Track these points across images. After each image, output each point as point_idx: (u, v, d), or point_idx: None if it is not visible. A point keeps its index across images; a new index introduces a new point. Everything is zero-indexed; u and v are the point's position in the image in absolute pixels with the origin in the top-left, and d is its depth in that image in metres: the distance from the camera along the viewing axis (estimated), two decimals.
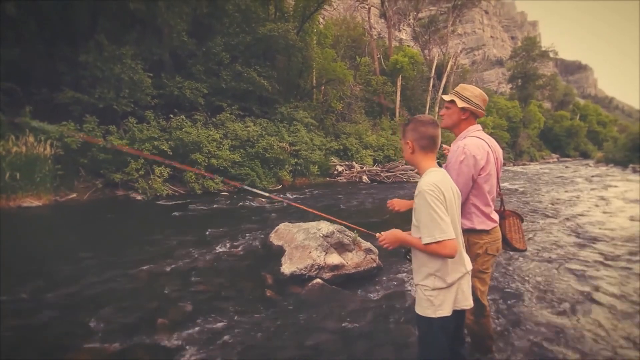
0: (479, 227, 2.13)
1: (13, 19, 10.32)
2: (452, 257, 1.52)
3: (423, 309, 1.62)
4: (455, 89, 2.27)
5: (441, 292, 1.59)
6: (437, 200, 1.52)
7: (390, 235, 1.68)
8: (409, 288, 3.71)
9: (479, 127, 2.22)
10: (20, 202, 7.88)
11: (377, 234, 1.74)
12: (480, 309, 2.22)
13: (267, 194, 2.79)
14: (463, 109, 2.18)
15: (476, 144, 2.09)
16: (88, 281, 3.83)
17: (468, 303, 1.66)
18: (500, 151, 2.26)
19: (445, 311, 1.59)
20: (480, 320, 2.29)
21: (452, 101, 2.20)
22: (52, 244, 5.46)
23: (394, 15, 31.01)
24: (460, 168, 2.05)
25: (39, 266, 4.31)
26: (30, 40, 10.64)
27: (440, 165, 1.78)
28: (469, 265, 1.70)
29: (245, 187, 2.56)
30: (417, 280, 1.69)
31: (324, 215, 2.43)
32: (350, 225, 2.37)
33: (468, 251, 2.12)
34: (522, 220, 2.42)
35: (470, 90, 2.21)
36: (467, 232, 2.11)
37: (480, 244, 2.15)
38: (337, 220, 2.44)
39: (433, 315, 1.59)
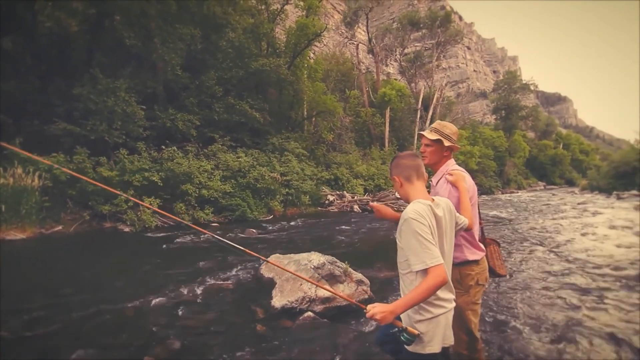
0: (470, 257, 2.17)
1: (10, 53, 10.54)
2: (445, 283, 1.47)
3: (412, 345, 1.58)
4: (434, 126, 2.33)
5: (431, 324, 1.56)
6: (423, 226, 1.50)
7: (384, 311, 1.46)
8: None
9: (453, 160, 2.34)
10: (4, 235, 7.67)
11: (367, 308, 1.51)
12: (474, 342, 2.20)
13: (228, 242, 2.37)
14: (448, 147, 2.28)
15: (467, 175, 2.21)
16: (72, 317, 3.71)
17: (452, 340, 1.64)
18: None
19: (435, 347, 1.55)
20: (474, 355, 2.23)
21: (438, 140, 2.28)
22: (35, 279, 5.28)
23: (381, 51, 32.44)
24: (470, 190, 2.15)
25: (20, 302, 4.15)
26: (26, 73, 10.81)
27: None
28: (452, 294, 1.67)
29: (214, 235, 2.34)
30: (407, 315, 1.65)
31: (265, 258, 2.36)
32: (331, 291, 2.34)
33: (460, 284, 2.15)
34: (499, 246, 2.51)
35: (450, 128, 2.32)
36: (459, 265, 2.14)
37: (472, 275, 2.17)
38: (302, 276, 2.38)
39: (423, 352, 1.55)
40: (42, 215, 8.67)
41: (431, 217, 1.58)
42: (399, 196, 1.85)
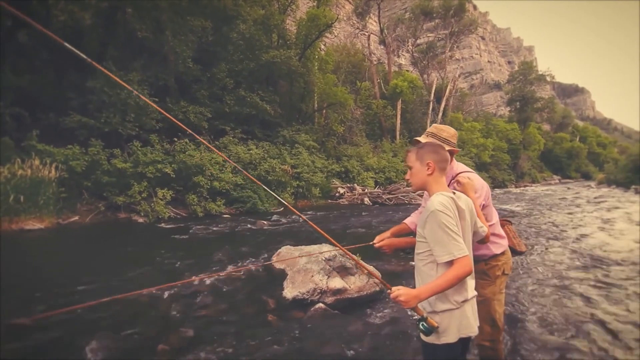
0: (498, 251, 2.20)
1: (25, 47, 10.72)
2: (469, 274, 1.52)
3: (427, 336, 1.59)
4: (430, 131, 2.27)
5: (444, 316, 1.56)
6: (449, 218, 1.52)
7: (408, 296, 1.49)
8: (412, 312, 3.65)
9: (455, 162, 2.26)
10: (23, 225, 7.90)
11: (392, 289, 1.57)
12: (496, 333, 2.22)
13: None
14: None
15: (475, 176, 2.16)
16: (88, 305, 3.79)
17: (473, 330, 1.61)
18: None
19: (450, 338, 1.55)
20: (496, 346, 2.25)
21: None
22: (53, 267, 5.43)
23: (392, 41, 31.95)
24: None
25: (39, 289, 4.27)
26: (41, 67, 11.00)
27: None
28: (472, 292, 1.67)
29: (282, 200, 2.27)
30: (421, 305, 1.66)
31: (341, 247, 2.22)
32: (367, 268, 2.29)
33: (487, 274, 2.19)
34: (512, 224, 2.51)
35: (447, 131, 2.24)
36: (487, 259, 2.18)
37: (499, 265, 2.21)
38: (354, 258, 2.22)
39: (437, 342, 1.56)
40: (59, 205, 8.88)
41: (455, 209, 1.59)
42: (414, 182, 1.77)
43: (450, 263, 1.51)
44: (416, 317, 1.56)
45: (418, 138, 2.27)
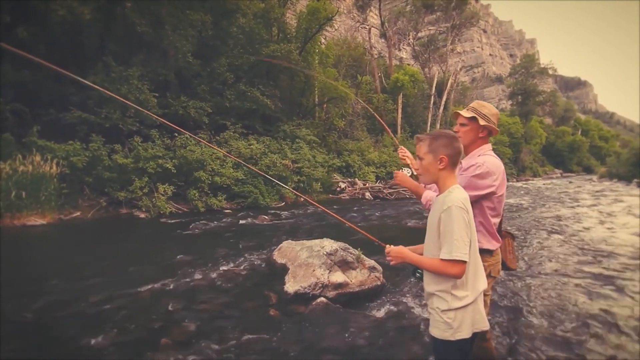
0: (486, 246, 2.08)
1: (24, 43, 10.67)
2: (457, 278, 1.50)
3: (440, 332, 1.55)
4: (472, 105, 2.21)
5: (458, 312, 1.53)
6: (464, 219, 1.50)
7: (396, 252, 1.67)
8: (414, 306, 3.67)
9: (490, 145, 2.20)
10: (25, 221, 7.92)
11: (387, 246, 1.72)
12: (482, 332, 2.18)
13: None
14: (484, 127, 2.13)
15: (495, 163, 2.07)
16: (91, 300, 3.82)
17: (485, 324, 1.59)
18: None
19: (464, 333, 1.52)
20: (483, 344, 2.19)
21: (473, 118, 2.14)
22: (56, 263, 5.45)
23: (393, 35, 31.72)
24: (475, 183, 1.99)
25: (42, 285, 4.30)
26: (41, 63, 10.93)
27: None
28: (484, 284, 1.63)
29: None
30: (429, 300, 1.64)
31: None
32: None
33: None
34: (514, 240, 2.41)
35: (488, 108, 2.18)
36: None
37: (485, 266, 2.05)
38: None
39: (452, 338, 1.52)
40: (60, 201, 8.90)
41: (471, 208, 1.57)
42: (424, 176, 1.72)
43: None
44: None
45: (459, 111, 2.22)
